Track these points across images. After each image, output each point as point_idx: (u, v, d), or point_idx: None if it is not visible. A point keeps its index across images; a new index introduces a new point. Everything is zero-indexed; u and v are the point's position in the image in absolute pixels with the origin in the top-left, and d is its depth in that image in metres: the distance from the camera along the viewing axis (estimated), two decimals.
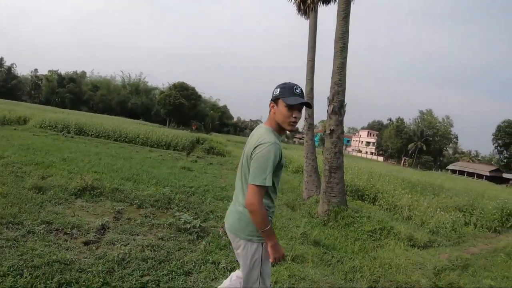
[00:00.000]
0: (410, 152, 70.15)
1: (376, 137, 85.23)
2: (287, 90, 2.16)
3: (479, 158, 74.33)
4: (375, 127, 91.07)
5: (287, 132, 2.39)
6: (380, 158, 72.61)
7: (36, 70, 71.85)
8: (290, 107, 2.15)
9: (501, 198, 12.43)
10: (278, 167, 2.16)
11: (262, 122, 2.58)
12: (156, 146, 17.17)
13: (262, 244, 2.21)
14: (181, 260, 3.68)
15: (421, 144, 68.41)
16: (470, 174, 55.32)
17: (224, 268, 3.64)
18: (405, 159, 70.97)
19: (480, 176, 53.56)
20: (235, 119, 75.27)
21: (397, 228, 6.77)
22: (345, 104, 7.69)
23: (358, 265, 4.89)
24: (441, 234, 8.02)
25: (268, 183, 2.06)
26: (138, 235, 4.26)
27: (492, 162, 65.42)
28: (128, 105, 58.85)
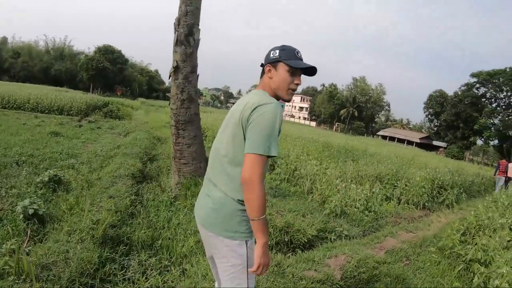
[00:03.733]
0: (342, 117, 70.42)
1: (309, 103, 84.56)
2: (289, 53, 1.71)
3: (410, 126, 76.28)
4: (309, 93, 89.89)
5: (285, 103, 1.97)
6: (313, 124, 72.46)
7: None
8: (293, 72, 1.70)
9: (431, 167, 10.82)
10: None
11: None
12: (47, 111, 15.89)
13: (246, 242, 1.65)
14: None
15: (353, 110, 68.81)
16: (401, 141, 56.32)
17: None
18: (337, 124, 71.08)
19: (410, 143, 54.69)
20: (166, 84, 69.32)
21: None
22: (199, 30, 5.04)
23: None
24: (348, 216, 5.49)
25: (274, 152, 1.55)
26: None
27: (423, 130, 67.23)
28: (51, 72, 52.38)
